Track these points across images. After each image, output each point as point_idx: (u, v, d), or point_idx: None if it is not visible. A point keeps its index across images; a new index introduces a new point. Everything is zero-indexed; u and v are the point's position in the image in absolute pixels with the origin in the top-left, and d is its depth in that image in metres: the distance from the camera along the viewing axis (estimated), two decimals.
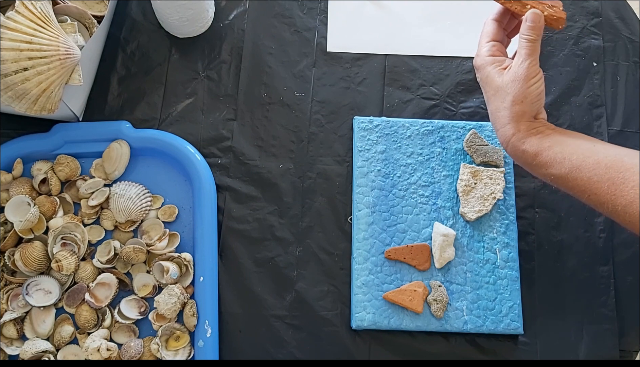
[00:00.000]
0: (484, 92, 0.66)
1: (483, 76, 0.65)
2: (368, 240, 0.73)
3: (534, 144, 0.61)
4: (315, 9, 0.85)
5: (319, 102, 0.80)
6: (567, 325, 0.72)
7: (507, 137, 0.63)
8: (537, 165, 0.61)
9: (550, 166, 0.60)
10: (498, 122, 0.64)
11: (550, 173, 0.61)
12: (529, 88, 0.61)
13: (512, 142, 0.63)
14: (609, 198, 0.56)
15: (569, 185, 0.60)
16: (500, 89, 0.63)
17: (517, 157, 0.64)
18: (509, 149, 0.64)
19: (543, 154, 0.61)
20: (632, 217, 0.55)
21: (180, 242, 0.73)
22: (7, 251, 0.70)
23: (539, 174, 0.62)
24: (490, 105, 0.65)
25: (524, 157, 0.62)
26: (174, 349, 0.68)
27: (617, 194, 0.56)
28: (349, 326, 0.71)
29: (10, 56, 0.64)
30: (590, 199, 0.58)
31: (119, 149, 0.75)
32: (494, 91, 0.64)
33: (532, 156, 0.61)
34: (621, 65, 0.84)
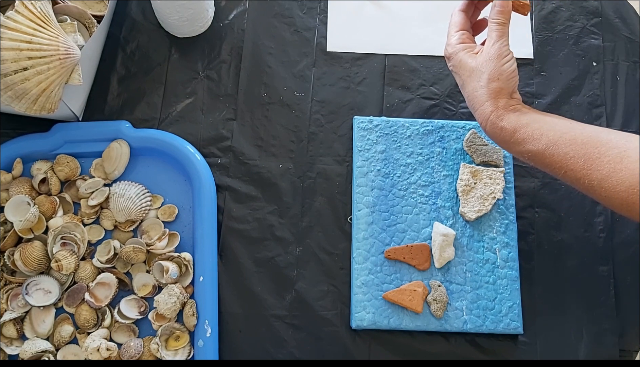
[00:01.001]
0: (459, 78, 0.67)
1: (456, 62, 0.67)
2: (368, 240, 0.73)
3: (512, 121, 0.62)
4: (315, 9, 0.85)
5: (318, 102, 0.80)
6: (567, 325, 0.72)
7: (485, 115, 0.64)
8: (514, 143, 0.62)
9: (527, 143, 0.61)
10: (476, 102, 0.65)
11: (527, 150, 0.61)
12: (503, 65, 0.63)
13: (491, 120, 0.63)
14: (584, 173, 0.57)
15: (545, 161, 0.60)
16: (475, 70, 0.64)
17: (495, 134, 0.64)
18: (488, 127, 0.64)
19: (521, 131, 0.61)
20: (608, 192, 0.56)
21: (180, 242, 0.73)
22: (6, 250, 0.70)
23: (516, 152, 0.63)
24: (466, 88, 0.66)
25: (502, 134, 0.63)
26: (173, 349, 0.68)
27: (593, 168, 0.57)
28: (349, 325, 0.71)
29: (10, 56, 0.64)
30: (566, 175, 0.59)
31: (119, 149, 0.75)
32: (468, 73, 0.65)
33: (510, 133, 0.62)
34: (621, 65, 0.84)
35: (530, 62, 0.83)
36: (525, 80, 0.82)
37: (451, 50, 0.68)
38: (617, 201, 0.56)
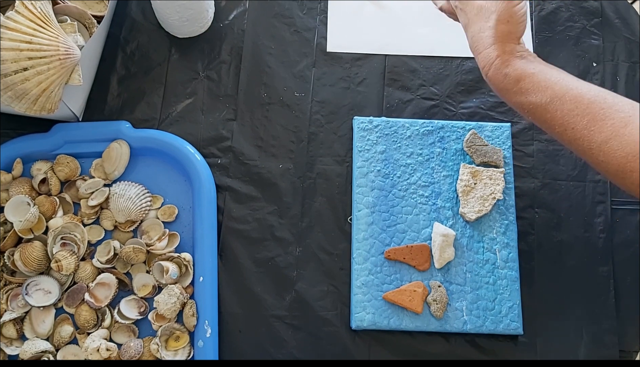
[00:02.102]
0: (464, 15, 0.62)
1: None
2: (368, 240, 0.73)
3: (517, 68, 0.58)
4: (315, 9, 0.85)
5: (318, 102, 0.80)
6: (566, 325, 0.72)
7: (490, 59, 0.59)
8: (516, 92, 0.58)
9: (531, 93, 0.57)
10: (481, 44, 0.60)
11: (529, 101, 0.58)
12: (514, 7, 0.59)
13: (495, 64, 0.59)
14: (585, 133, 0.55)
15: (547, 116, 0.57)
16: (483, 8, 0.60)
17: (497, 81, 0.60)
18: (490, 73, 0.60)
19: (526, 80, 0.58)
20: (606, 156, 0.53)
21: (180, 242, 0.73)
22: (6, 251, 0.70)
23: (516, 102, 0.59)
24: (471, 28, 0.61)
25: (505, 81, 0.59)
26: (173, 349, 0.68)
27: (595, 130, 0.54)
28: (349, 326, 0.71)
29: (10, 56, 0.64)
30: (565, 134, 0.56)
31: (119, 149, 0.75)
32: (476, 11, 0.61)
33: (514, 81, 0.58)
34: (621, 65, 0.84)
35: None
36: None
37: None
38: (613, 167, 0.53)
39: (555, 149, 0.79)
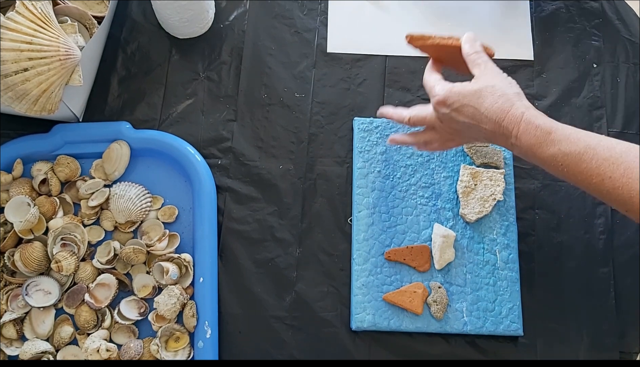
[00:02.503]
0: (467, 109, 0.60)
1: (455, 97, 0.61)
2: (368, 241, 0.73)
3: (546, 120, 0.57)
4: (316, 10, 0.85)
5: (319, 103, 0.80)
6: (567, 326, 0.72)
7: (518, 116, 0.58)
8: (549, 144, 0.57)
9: (564, 143, 0.56)
10: (502, 110, 0.58)
11: (563, 152, 0.56)
12: (508, 77, 0.61)
13: (526, 118, 0.57)
14: (625, 181, 0.54)
15: (582, 166, 0.55)
16: (484, 88, 0.60)
17: (528, 137, 0.57)
18: (521, 130, 0.58)
19: (557, 132, 0.57)
20: None
21: (180, 243, 0.73)
22: (7, 251, 0.70)
23: (549, 156, 0.57)
24: (483, 107, 0.59)
25: (537, 134, 0.57)
26: (173, 350, 0.68)
27: (634, 177, 0.53)
28: (349, 327, 0.71)
29: (10, 57, 0.64)
30: (603, 184, 0.55)
31: (119, 150, 0.75)
32: (477, 95, 0.60)
33: (546, 133, 0.57)
34: (621, 66, 0.84)
35: (530, 64, 0.83)
36: (526, 81, 0.82)
37: (444, 90, 0.61)
38: None
39: None
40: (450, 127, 0.63)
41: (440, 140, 0.66)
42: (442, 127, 0.64)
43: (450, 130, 0.63)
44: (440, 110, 0.62)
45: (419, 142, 0.68)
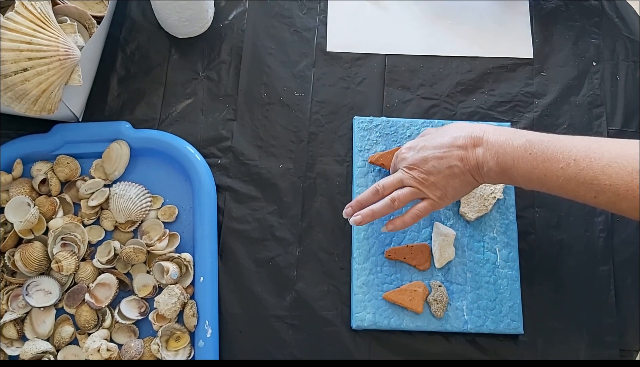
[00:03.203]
0: (436, 140, 0.64)
1: (420, 139, 0.65)
2: (368, 240, 0.73)
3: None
4: (315, 9, 0.85)
5: (318, 102, 0.80)
6: (567, 324, 0.72)
7: (483, 126, 0.62)
8: (517, 137, 0.59)
9: (529, 135, 0.59)
10: (469, 125, 0.64)
11: (529, 140, 0.58)
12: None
13: (491, 126, 0.62)
14: (588, 163, 0.55)
15: (547, 153, 0.57)
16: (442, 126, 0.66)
17: (498, 135, 0.61)
18: (490, 130, 0.61)
19: (522, 131, 0.61)
20: (611, 179, 0.54)
21: (180, 242, 0.73)
22: (7, 251, 0.70)
23: (517, 146, 0.59)
24: (449, 132, 0.64)
25: (505, 132, 0.60)
26: (174, 350, 0.68)
27: (596, 157, 0.55)
28: (349, 326, 0.71)
29: (10, 57, 0.64)
30: (568, 168, 0.56)
31: (119, 150, 0.75)
32: (439, 130, 0.65)
33: (513, 131, 0.61)
34: (621, 64, 0.84)
35: (530, 62, 0.83)
36: (525, 80, 0.82)
37: (404, 147, 0.66)
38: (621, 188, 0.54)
39: None
40: (422, 170, 0.63)
41: (419, 193, 0.64)
42: (414, 176, 0.64)
43: (425, 175, 0.63)
44: (408, 155, 0.65)
45: (389, 199, 0.65)
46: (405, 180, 0.64)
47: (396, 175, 0.66)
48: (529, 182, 0.60)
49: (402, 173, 0.65)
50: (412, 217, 0.65)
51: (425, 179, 0.63)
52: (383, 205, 0.65)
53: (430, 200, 0.64)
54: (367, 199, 0.67)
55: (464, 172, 0.62)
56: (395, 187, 0.65)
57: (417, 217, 0.65)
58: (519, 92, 0.82)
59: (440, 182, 0.63)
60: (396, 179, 0.65)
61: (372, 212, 0.66)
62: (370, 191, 0.67)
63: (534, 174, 0.58)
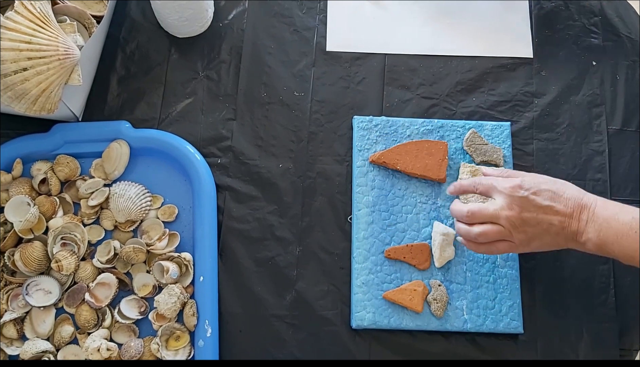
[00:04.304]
0: (547, 193, 0.62)
1: (535, 183, 0.62)
2: (368, 239, 0.73)
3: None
4: (315, 9, 0.85)
5: (318, 102, 0.80)
6: (567, 324, 0.72)
7: (593, 197, 0.62)
8: (625, 212, 0.59)
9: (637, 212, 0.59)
10: (581, 192, 0.62)
11: (635, 219, 0.58)
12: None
13: (600, 198, 0.61)
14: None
15: None
16: (557, 178, 0.64)
17: (606, 208, 0.60)
18: (599, 202, 0.61)
19: (628, 206, 0.60)
20: None
21: (180, 242, 0.73)
22: (7, 251, 0.70)
23: (624, 221, 0.59)
24: (562, 191, 0.62)
25: (613, 206, 0.61)
26: (174, 349, 0.68)
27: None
28: (349, 325, 0.71)
29: (9, 56, 0.64)
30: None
31: (119, 149, 0.75)
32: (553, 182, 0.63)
33: (621, 205, 0.61)
34: (620, 64, 0.84)
35: (530, 61, 0.83)
36: (525, 79, 0.82)
37: (518, 178, 0.63)
38: None
39: (555, 148, 0.79)
40: (521, 216, 0.61)
41: (505, 235, 0.63)
42: (510, 219, 0.61)
43: (521, 221, 0.61)
44: (516, 193, 0.62)
45: (475, 234, 0.64)
46: (500, 218, 0.62)
47: (490, 209, 0.63)
48: (630, 260, 0.59)
49: (501, 210, 0.62)
50: (487, 251, 0.65)
51: (520, 225, 0.61)
52: (467, 233, 0.65)
53: (512, 244, 0.63)
54: (453, 213, 0.67)
55: (559, 234, 0.61)
56: (485, 219, 0.63)
57: (492, 253, 0.65)
58: (519, 92, 0.82)
59: (532, 233, 0.62)
60: (489, 213, 0.63)
61: (458, 229, 0.67)
62: (459, 209, 0.66)
63: (636, 253, 0.57)
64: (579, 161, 0.79)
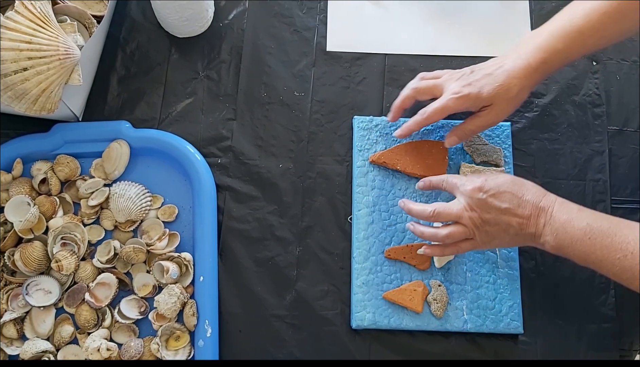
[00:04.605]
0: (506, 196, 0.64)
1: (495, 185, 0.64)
2: (368, 239, 0.73)
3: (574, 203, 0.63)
4: (315, 9, 0.85)
5: (318, 102, 0.80)
6: (567, 324, 0.72)
7: (553, 198, 0.63)
8: (580, 218, 0.61)
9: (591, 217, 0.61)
10: (541, 192, 0.64)
11: (590, 225, 0.60)
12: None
13: (559, 200, 0.63)
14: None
15: (606, 240, 0.59)
16: (517, 179, 0.66)
17: (562, 212, 0.62)
18: (556, 206, 0.63)
19: (586, 210, 0.62)
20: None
21: (180, 242, 0.73)
22: (7, 251, 0.70)
23: (578, 229, 0.61)
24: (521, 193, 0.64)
25: (569, 211, 0.62)
26: (174, 349, 0.68)
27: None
28: (349, 325, 0.71)
29: (9, 56, 0.64)
30: (624, 259, 0.57)
31: (119, 149, 0.75)
32: (514, 183, 0.65)
33: (577, 209, 0.62)
34: (621, 64, 0.84)
35: None
36: None
37: (479, 180, 0.65)
38: None
39: (555, 148, 0.79)
40: (481, 217, 0.64)
41: (468, 234, 0.65)
42: (473, 219, 0.64)
43: (482, 221, 0.64)
44: (475, 196, 0.64)
45: (442, 235, 0.66)
46: (463, 218, 0.65)
47: (454, 209, 0.65)
48: (584, 263, 0.61)
49: (463, 211, 0.65)
50: (452, 252, 0.68)
51: (481, 225, 0.64)
52: (434, 235, 0.67)
53: (475, 242, 0.66)
54: (416, 212, 0.68)
55: (519, 234, 0.63)
56: (450, 218, 0.66)
57: (457, 252, 0.68)
58: None
59: (493, 233, 0.64)
60: (453, 213, 0.65)
61: (422, 233, 0.68)
62: (422, 209, 0.67)
63: (590, 258, 0.60)
64: (579, 161, 0.79)
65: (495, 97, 0.66)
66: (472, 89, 0.67)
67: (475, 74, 0.68)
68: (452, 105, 0.68)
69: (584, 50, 0.67)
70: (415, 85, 0.72)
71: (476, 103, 0.67)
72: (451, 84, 0.69)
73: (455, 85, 0.68)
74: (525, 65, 0.65)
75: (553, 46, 0.65)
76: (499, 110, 0.68)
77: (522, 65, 0.66)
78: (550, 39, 0.65)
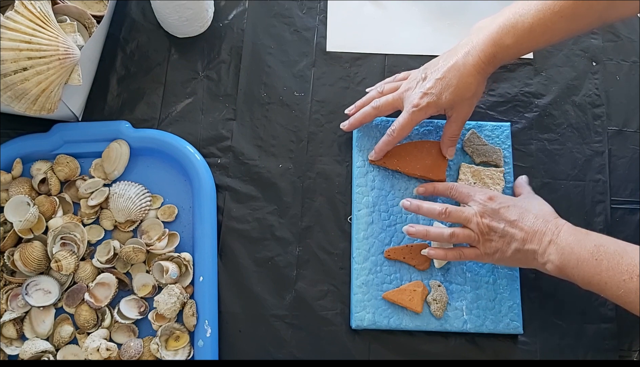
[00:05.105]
0: (516, 210, 0.65)
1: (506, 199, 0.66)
2: (368, 240, 0.73)
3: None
4: (315, 9, 0.85)
5: (318, 102, 0.80)
6: (567, 325, 0.72)
7: (562, 222, 0.64)
8: (588, 240, 0.61)
9: (600, 239, 0.61)
10: (551, 215, 0.65)
11: (597, 247, 0.60)
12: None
13: (568, 224, 0.64)
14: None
15: (613, 261, 0.58)
16: (529, 200, 0.68)
17: (569, 234, 0.62)
18: (565, 228, 0.63)
19: (594, 234, 0.62)
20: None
21: (180, 242, 0.73)
22: (6, 251, 0.70)
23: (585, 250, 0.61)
24: (531, 210, 0.65)
25: (577, 233, 0.62)
26: (173, 349, 0.68)
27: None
28: (349, 325, 0.71)
29: (9, 56, 0.63)
30: (630, 281, 0.57)
31: (119, 149, 0.75)
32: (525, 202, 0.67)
33: (585, 233, 0.63)
34: (620, 64, 0.84)
35: (529, 62, 0.83)
36: (525, 80, 0.82)
37: (493, 192, 0.68)
38: None
39: (554, 149, 0.79)
40: (489, 225, 0.65)
41: (474, 240, 0.66)
42: (481, 225, 0.65)
43: (490, 231, 0.65)
44: (488, 204, 0.65)
45: (447, 234, 0.67)
46: (472, 223, 0.66)
47: (465, 212, 0.66)
48: (587, 285, 0.60)
49: (473, 216, 0.66)
50: (454, 257, 0.68)
51: (487, 233, 0.65)
52: (439, 235, 0.68)
53: (479, 252, 0.67)
54: (425, 209, 0.69)
55: (520, 250, 0.64)
56: (459, 220, 0.67)
57: (459, 259, 0.68)
58: (519, 92, 0.82)
59: (498, 245, 0.65)
60: (464, 215, 0.66)
61: (426, 232, 0.69)
62: (432, 208, 0.68)
63: (594, 280, 0.59)
64: (579, 162, 0.79)
65: (454, 101, 0.68)
66: (430, 99, 0.68)
67: (428, 80, 0.69)
68: (416, 117, 0.69)
69: (535, 47, 0.68)
70: (375, 104, 0.73)
71: (438, 110, 0.69)
72: (410, 95, 0.69)
73: (413, 97, 0.69)
74: (476, 61, 0.66)
75: (503, 41, 0.65)
76: (463, 109, 0.70)
77: (473, 62, 0.66)
78: (500, 33, 0.65)
